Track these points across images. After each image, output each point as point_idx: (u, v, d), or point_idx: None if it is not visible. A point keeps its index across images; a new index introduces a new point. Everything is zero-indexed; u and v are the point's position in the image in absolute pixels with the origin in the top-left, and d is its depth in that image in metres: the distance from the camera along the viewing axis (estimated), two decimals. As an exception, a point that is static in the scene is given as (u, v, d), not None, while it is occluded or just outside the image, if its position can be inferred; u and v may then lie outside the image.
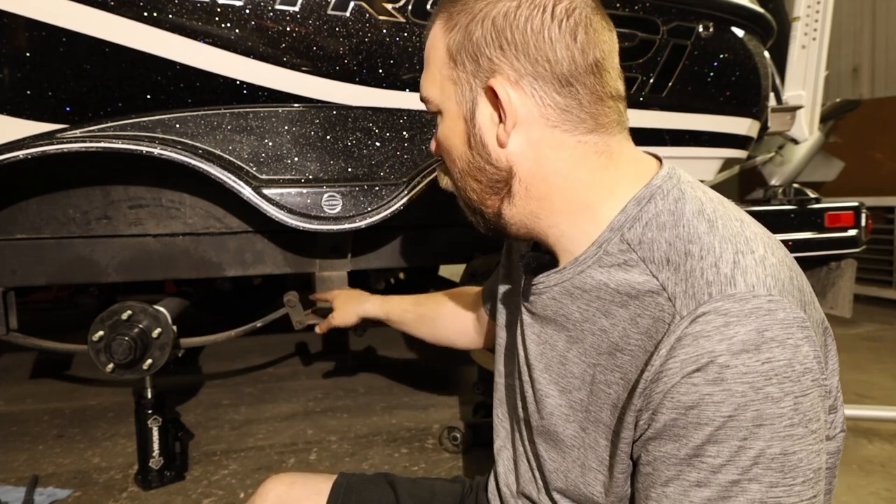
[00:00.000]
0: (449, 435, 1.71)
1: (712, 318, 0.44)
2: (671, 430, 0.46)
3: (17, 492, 1.47)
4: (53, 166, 1.27)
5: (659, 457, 0.47)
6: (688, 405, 0.44)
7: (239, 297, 3.09)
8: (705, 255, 0.48)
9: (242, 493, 1.48)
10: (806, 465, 0.43)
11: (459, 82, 0.57)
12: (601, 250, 0.54)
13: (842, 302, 1.90)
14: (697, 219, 0.51)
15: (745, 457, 0.43)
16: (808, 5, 2.17)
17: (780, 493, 0.43)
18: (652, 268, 0.50)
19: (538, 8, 0.53)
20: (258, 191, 1.25)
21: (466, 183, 0.60)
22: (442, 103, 0.59)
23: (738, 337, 0.43)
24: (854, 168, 3.37)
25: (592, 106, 0.54)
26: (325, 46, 1.30)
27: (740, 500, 0.43)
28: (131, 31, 1.19)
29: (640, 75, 1.61)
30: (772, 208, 1.77)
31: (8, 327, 1.39)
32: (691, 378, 0.44)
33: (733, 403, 0.43)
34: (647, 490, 0.48)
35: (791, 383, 0.43)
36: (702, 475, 0.44)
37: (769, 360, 0.43)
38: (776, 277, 0.47)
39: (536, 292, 0.61)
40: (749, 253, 0.48)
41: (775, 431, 0.43)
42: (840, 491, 1.45)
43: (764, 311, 0.44)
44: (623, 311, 0.52)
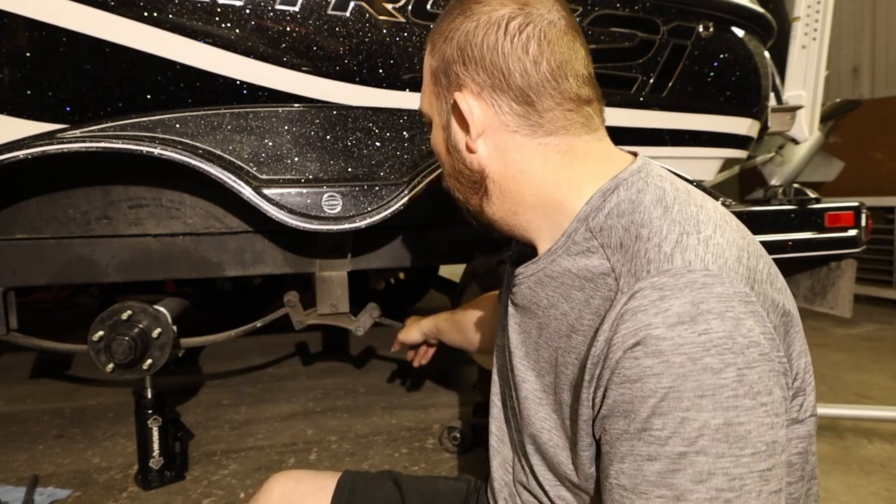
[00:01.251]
0: (449, 435, 1.71)
1: (648, 293, 0.47)
2: (620, 406, 0.47)
3: (17, 492, 1.47)
4: (53, 166, 1.27)
5: (613, 434, 0.48)
6: (632, 379, 0.46)
7: (239, 297, 3.09)
8: (652, 236, 0.51)
9: (242, 493, 1.48)
10: (756, 437, 0.44)
11: (439, 96, 0.64)
12: (569, 240, 0.57)
13: (842, 302, 1.90)
14: (654, 206, 0.53)
15: (690, 428, 0.44)
16: (808, 5, 2.17)
17: (727, 464, 0.43)
18: (608, 252, 0.53)
19: (493, 26, 0.58)
20: (258, 191, 1.25)
21: (452, 184, 0.67)
22: (430, 115, 0.67)
23: (672, 309, 0.45)
24: (854, 168, 3.37)
25: (550, 111, 0.58)
26: (326, 46, 1.30)
27: (689, 473, 0.44)
28: (131, 31, 1.19)
29: (640, 75, 1.61)
30: (772, 208, 1.77)
31: (8, 327, 1.39)
32: (633, 352, 0.46)
33: (672, 374, 0.44)
34: (607, 468, 0.50)
35: (733, 355, 0.44)
36: (651, 449, 0.45)
37: (706, 331, 0.44)
38: (717, 255, 0.48)
39: (517, 283, 0.65)
40: (695, 234, 0.50)
41: (718, 402, 0.43)
42: (840, 491, 1.45)
43: (699, 285, 0.46)
44: (580, 294, 0.55)
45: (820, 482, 1.58)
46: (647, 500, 0.45)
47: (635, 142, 1.65)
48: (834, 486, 1.47)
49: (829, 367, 2.42)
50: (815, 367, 0.56)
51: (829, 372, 2.35)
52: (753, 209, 1.72)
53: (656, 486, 0.45)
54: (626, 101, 1.61)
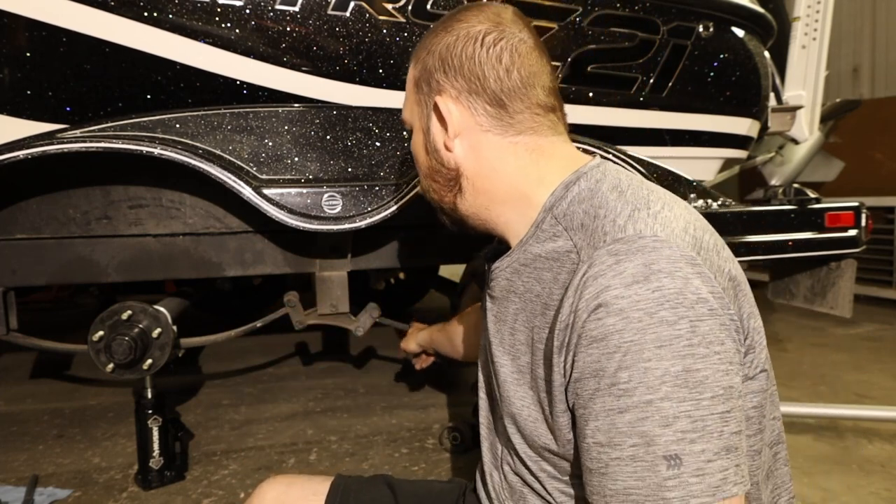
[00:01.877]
0: (449, 435, 1.71)
1: (605, 259, 0.52)
2: (590, 367, 0.51)
3: (17, 492, 1.47)
4: (53, 166, 1.27)
5: (586, 395, 0.52)
6: (598, 338, 0.50)
7: (239, 297, 3.09)
8: (607, 213, 0.57)
9: (242, 493, 1.48)
10: (713, 382, 0.48)
11: (420, 103, 0.71)
12: (538, 229, 0.63)
13: (842, 302, 1.90)
14: (610, 191, 0.60)
15: (653, 376, 0.48)
16: (808, 5, 2.17)
17: (688, 407, 0.47)
18: (570, 234, 0.59)
19: (471, 39, 0.65)
20: (258, 191, 1.25)
21: (429, 184, 0.73)
22: (412, 122, 0.74)
23: (627, 271, 0.50)
24: (854, 168, 3.37)
25: (520, 114, 0.65)
26: (326, 46, 1.30)
27: (656, 419, 0.47)
28: (131, 31, 1.19)
29: (641, 75, 1.61)
30: (772, 208, 1.77)
31: (8, 327, 1.39)
32: (596, 314, 0.50)
33: (632, 329, 0.48)
34: (583, 430, 0.52)
35: (685, 308, 0.49)
36: (621, 402, 0.49)
37: (658, 288, 0.49)
38: (666, 225, 0.54)
39: (493, 277, 0.70)
40: (645, 209, 0.56)
41: (675, 351, 0.48)
42: (840, 491, 1.45)
43: (649, 249, 0.51)
44: (549, 273, 0.61)
45: (820, 482, 1.58)
46: (621, 451, 0.49)
47: (635, 142, 1.65)
48: (834, 486, 1.47)
49: (829, 367, 2.42)
50: (815, 367, 0.57)
51: (829, 372, 2.35)
52: (753, 209, 1.72)
53: (628, 435, 0.48)
54: (626, 101, 1.61)
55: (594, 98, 1.57)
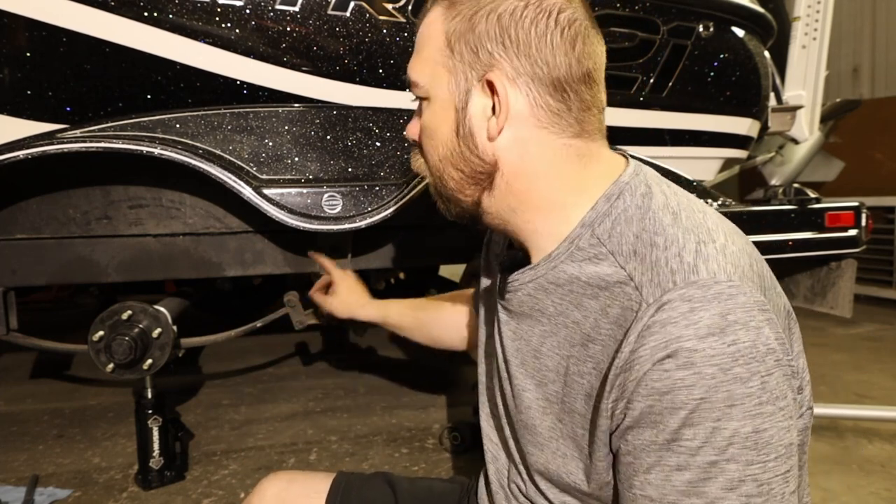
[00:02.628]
0: (449, 435, 1.70)
1: (677, 305, 0.46)
2: (648, 418, 0.47)
3: (17, 492, 1.47)
4: (53, 166, 1.27)
5: (638, 445, 0.48)
6: (661, 391, 0.46)
7: (239, 297, 3.09)
8: (669, 245, 0.50)
9: (242, 493, 1.48)
10: (777, 442, 0.45)
11: (454, 71, 0.58)
12: (573, 246, 0.56)
13: (842, 302, 1.90)
14: (663, 212, 0.53)
15: (721, 437, 0.44)
16: (808, 5, 2.17)
17: (756, 470, 0.44)
18: (620, 260, 0.52)
19: (544, 12, 0.54)
20: (258, 191, 1.25)
21: (445, 170, 0.61)
22: (432, 89, 0.60)
23: (703, 321, 0.45)
24: (854, 168, 3.37)
25: (580, 112, 0.56)
26: (326, 46, 1.30)
27: (720, 481, 0.44)
28: (131, 31, 1.19)
29: (641, 75, 1.61)
30: (772, 208, 1.77)
31: (8, 327, 1.39)
32: (662, 364, 0.46)
33: (704, 386, 0.44)
34: (629, 479, 0.49)
35: (756, 363, 0.45)
36: (681, 459, 0.45)
37: (734, 342, 0.45)
38: (736, 265, 0.49)
39: (511, 289, 0.62)
40: (710, 242, 0.50)
41: (746, 410, 0.44)
42: (840, 491, 1.45)
43: (726, 296, 0.46)
44: (594, 302, 0.54)
45: (820, 482, 1.58)
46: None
47: (635, 142, 1.65)
48: (834, 486, 1.47)
49: (829, 367, 2.42)
50: (815, 367, 0.57)
51: (829, 372, 2.34)
52: (753, 209, 1.72)
53: (686, 495, 0.45)
54: (626, 101, 1.61)
55: (594, 98, 1.57)
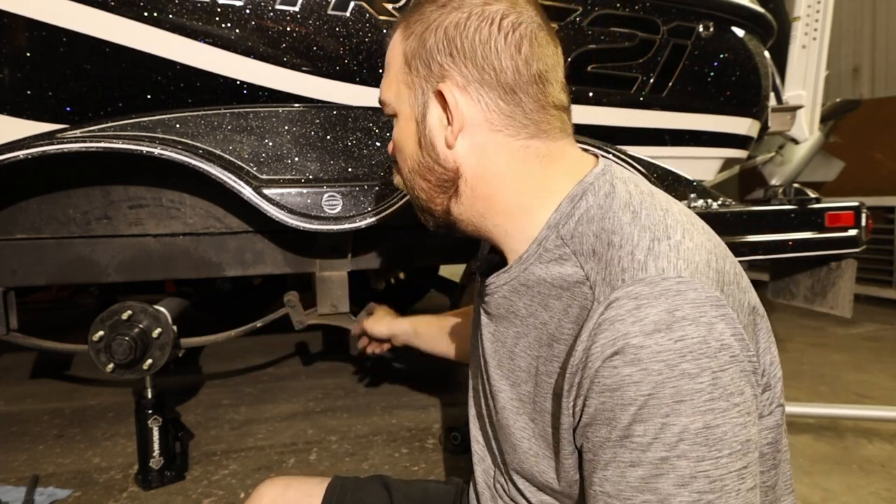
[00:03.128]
0: (449, 435, 1.70)
1: (624, 303, 0.47)
2: (602, 415, 0.48)
3: (17, 492, 1.47)
4: (53, 166, 1.27)
5: (596, 442, 0.49)
6: (612, 388, 0.46)
7: (239, 297, 3.09)
8: (624, 243, 0.51)
9: (242, 493, 1.48)
10: (731, 438, 0.45)
11: (413, 86, 0.60)
12: (541, 247, 0.57)
13: (842, 302, 1.90)
14: (623, 210, 0.53)
15: (670, 433, 0.44)
16: (808, 5, 2.17)
17: (707, 467, 0.44)
18: (581, 260, 0.53)
19: (486, 20, 0.56)
20: (258, 191, 1.25)
21: (415, 182, 0.63)
22: (397, 106, 0.63)
23: (649, 318, 0.46)
24: (854, 168, 3.37)
25: (535, 113, 0.57)
26: (326, 46, 1.30)
27: (671, 477, 0.45)
28: (131, 31, 1.19)
29: (641, 75, 1.61)
30: (772, 208, 1.77)
31: (8, 327, 1.39)
32: (611, 361, 0.46)
33: (651, 382, 0.45)
34: (590, 476, 0.50)
35: (707, 359, 0.45)
36: (633, 455, 0.46)
37: (682, 338, 0.45)
38: (689, 261, 0.49)
39: (489, 292, 0.64)
40: (665, 239, 0.51)
41: (696, 406, 0.44)
42: (840, 491, 1.45)
43: (673, 293, 0.46)
44: (558, 302, 0.55)
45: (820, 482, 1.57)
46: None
47: (635, 142, 1.65)
48: (834, 486, 1.47)
49: (829, 367, 2.42)
50: (815, 367, 0.57)
51: (829, 372, 2.34)
52: (753, 209, 1.72)
53: (640, 491, 0.46)
54: (626, 101, 1.61)
55: (594, 98, 1.57)
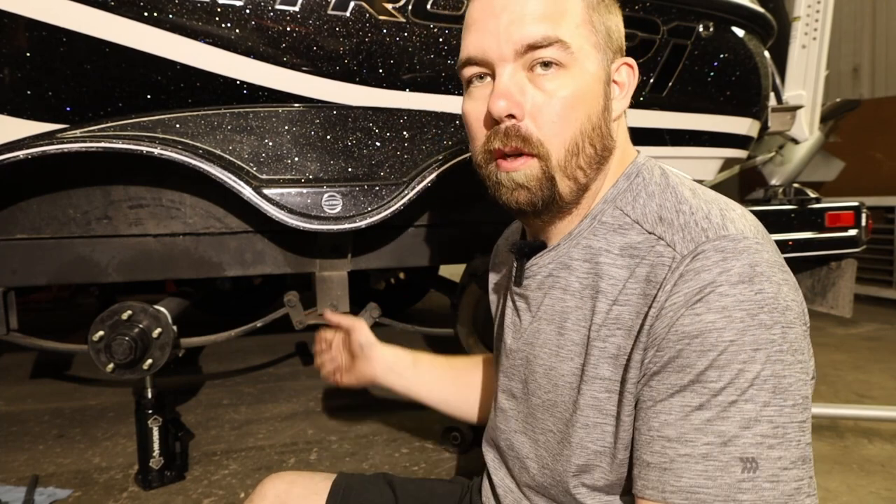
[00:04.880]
0: (449, 435, 1.70)
1: (711, 254, 0.50)
2: (675, 362, 0.49)
3: (17, 492, 1.47)
4: (53, 166, 1.27)
5: (661, 390, 0.50)
6: (692, 334, 0.48)
7: (239, 297, 3.09)
8: (695, 211, 0.54)
9: (243, 493, 1.48)
10: (795, 390, 0.47)
11: (599, 48, 0.59)
12: (595, 221, 0.60)
13: (842, 302, 1.90)
14: (681, 187, 0.58)
15: (744, 379, 0.46)
16: (808, 5, 2.17)
17: (771, 412, 0.46)
18: (647, 227, 0.56)
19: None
20: (258, 191, 1.25)
21: (582, 146, 0.57)
22: (578, 56, 0.57)
23: (734, 269, 0.48)
24: (854, 168, 3.37)
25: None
26: (325, 46, 1.30)
27: (737, 419, 0.46)
28: (131, 31, 1.19)
29: (640, 75, 1.61)
30: (772, 208, 1.77)
31: (8, 327, 1.39)
32: (694, 308, 0.48)
33: (734, 329, 0.47)
34: (647, 422, 0.51)
35: (778, 314, 0.48)
36: (703, 398, 0.47)
37: (760, 290, 0.48)
38: (757, 228, 0.54)
39: (531, 274, 0.64)
40: (731, 210, 0.55)
41: (769, 355, 0.47)
42: (840, 491, 1.45)
43: (753, 250, 0.50)
44: (620, 270, 0.56)
45: (820, 482, 1.57)
46: (692, 448, 0.47)
47: (635, 142, 1.63)
48: (834, 486, 1.47)
49: (829, 366, 2.42)
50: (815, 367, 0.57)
51: (830, 372, 2.34)
52: (753, 209, 1.72)
53: (703, 433, 0.47)
54: (626, 101, 1.61)
55: (594, 98, 1.56)
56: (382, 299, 2.17)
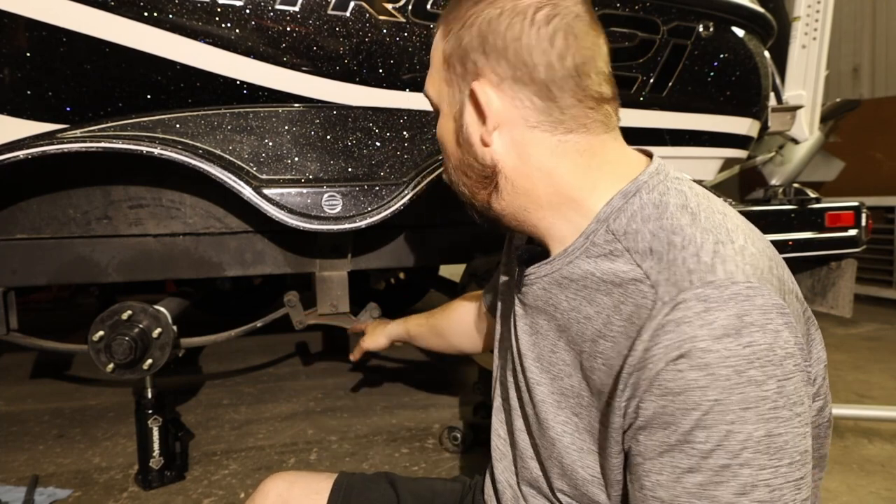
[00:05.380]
0: (449, 435, 1.71)
1: (693, 304, 0.46)
2: (660, 418, 0.47)
3: (17, 492, 1.47)
4: (54, 166, 1.27)
5: (650, 446, 0.48)
6: (675, 391, 0.45)
7: (239, 297, 3.09)
8: (687, 244, 0.50)
9: (243, 493, 1.48)
10: (792, 448, 0.45)
11: (451, 84, 0.61)
12: (588, 241, 0.56)
13: (842, 302, 1.90)
14: (681, 211, 0.53)
15: (734, 440, 0.44)
16: (808, 5, 2.17)
17: (768, 476, 0.44)
18: (636, 257, 0.52)
19: (518, 15, 0.55)
20: (258, 191, 1.25)
21: (459, 178, 0.64)
22: (438, 103, 0.64)
23: (718, 322, 0.45)
24: (854, 168, 3.37)
25: (572, 108, 0.56)
26: (325, 46, 1.30)
27: (732, 486, 0.44)
28: (131, 31, 1.19)
29: (640, 75, 1.61)
30: (772, 208, 1.77)
31: (8, 327, 1.39)
32: (676, 364, 0.45)
33: (718, 387, 0.44)
34: (640, 480, 0.49)
35: (773, 367, 0.44)
36: (693, 461, 0.45)
37: (750, 343, 0.44)
38: (755, 266, 0.48)
39: (528, 283, 0.63)
40: (729, 243, 0.50)
41: (760, 414, 0.44)
42: (840, 491, 1.45)
43: (743, 297, 0.45)
44: (607, 298, 0.54)
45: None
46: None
47: (635, 142, 1.63)
48: (834, 486, 1.47)
49: (829, 366, 2.41)
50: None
51: (830, 372, 2.33)
52: (754, 209, 1.72)
53: (697, 497, 0.45)
54: (626, 101, 1.61)
55: (594, 98, 1.57)
56: (382, 299, 2.17)
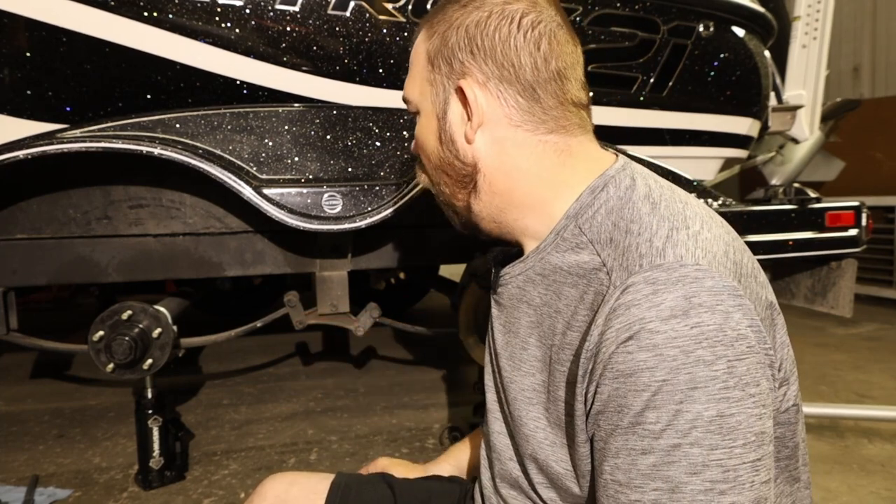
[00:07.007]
0: (449, 435, 1.71)
1: (641, 287, 0.47)
2: (614, 401, 0.47)
3: (17, 492, 1.47)
4: (54, 166, 1.27)
5: (607, 430, 0.48)
6: (625, 373, 0.46)
7: (239, 297, 3.09)
8: (642, 231, 0.51)
9: (243, 493, 1.48)
10: (746, 428, 0.45)
11: (435, 83, 0.63)
12: (558, 237, 0.58)
13: (842, 302, 1.90)
14: (642, 201, 0.54)
15: (683, 420, 0.44)
16: (808, 5, 2.17)
17: (720, 456, 0.44)
18: (597, 247, 0.54)
19: (506, 19, 0.58)
20: (258, 191, 1.25)
21: (439, 177, 0.66)
22: (420, 104, 0.65)
23: (665, 303, 0.45)
24: (854, 168, 3.37)
25: (554, 110, 0.59)
26: (326, 46, 1.30)
27: (683, 465, 0.44)
28: (131, 31, 1.19)
29: (641, 75, 1.61)
30: (772, 208, 1.77)
31: (8, 327, 1.39)
32: (626, 346, 0.46)
33: (666, 368, 0.44)
34: (600, 465, 0.50)
35: (723, 347, 0.45)
36: (645, 442, 0.45)
37: (698, 324, 0.45)
38: (707, 250, 0.49)
39: (503, 283, 0.65)
40: (684, 229, 0.51)
41: (710, 394, 0.44)
42: (840, 491, 1.45)
43: (691, 279, 0.46)
44: (573, 290, 0.55)
45: (820, 482, 1.57)
46: (642, 494, 0.46)
47: (635, 142, 1.65)
48: (834, 486, 1.47)
49: (829, 366, 2.42)
50: (815, 367, 0.57)
51: (830, 372, 2.34)
52: (754, 209, 1.72)
53: (651, 478, 0.45)
54: (626, 101, 1.61)
55: (594, 98, 1.57)
56: (382, 299, 2.17)
